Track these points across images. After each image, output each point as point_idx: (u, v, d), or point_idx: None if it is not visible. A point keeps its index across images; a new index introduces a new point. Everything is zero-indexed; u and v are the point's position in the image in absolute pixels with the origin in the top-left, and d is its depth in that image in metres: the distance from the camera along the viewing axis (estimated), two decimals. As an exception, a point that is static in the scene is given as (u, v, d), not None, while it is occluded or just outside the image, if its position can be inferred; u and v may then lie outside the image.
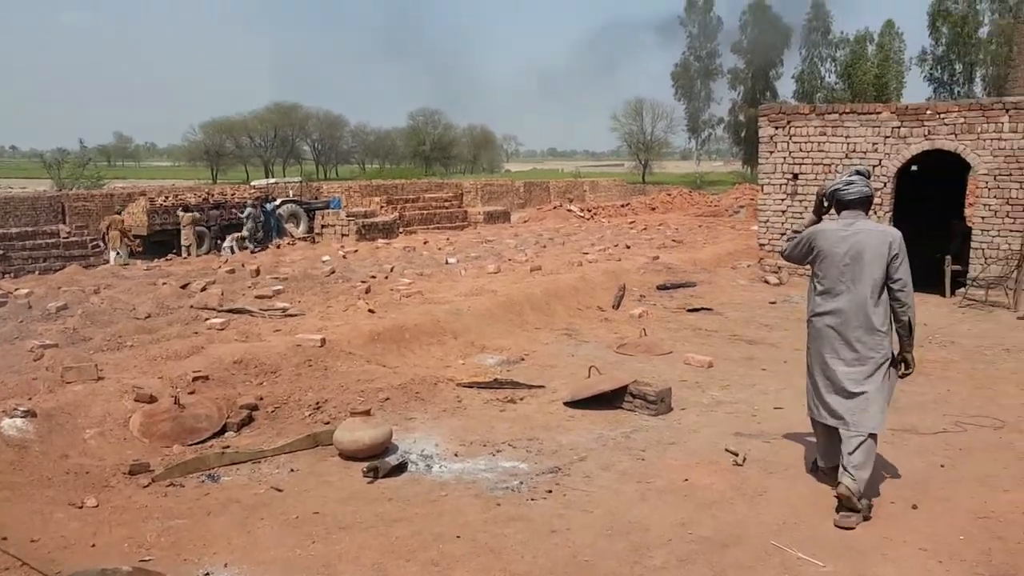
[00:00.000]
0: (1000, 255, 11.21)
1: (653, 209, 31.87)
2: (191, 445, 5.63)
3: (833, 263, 4.48)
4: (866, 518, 4.28)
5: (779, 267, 13.13)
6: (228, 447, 5.51)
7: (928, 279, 12.30)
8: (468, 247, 16.99)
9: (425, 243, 18.41)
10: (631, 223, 23.56)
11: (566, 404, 6.35)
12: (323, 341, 7.35)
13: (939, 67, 72.64)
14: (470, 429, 5.79)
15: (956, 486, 4.72)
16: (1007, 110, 11.12)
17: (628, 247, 16.15)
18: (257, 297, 10.29)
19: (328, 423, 5.87)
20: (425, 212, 27.71)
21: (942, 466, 5.03)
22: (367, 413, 5.44)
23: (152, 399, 6.01)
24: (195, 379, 6.50)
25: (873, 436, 4.46)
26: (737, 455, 5.18)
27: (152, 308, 9.69)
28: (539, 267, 12.12)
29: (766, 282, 12.79)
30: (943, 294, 11.69)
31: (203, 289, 10.94)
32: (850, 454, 4.36)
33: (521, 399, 6.59)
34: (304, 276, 12.33)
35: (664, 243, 17.12)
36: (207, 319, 8.86)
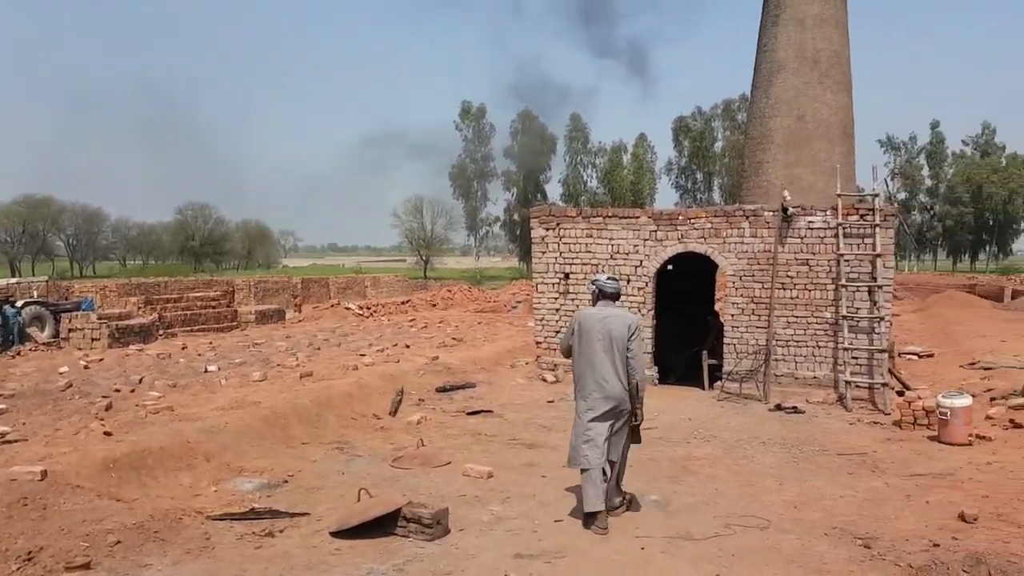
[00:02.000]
0: (750, 350, 12.08)
1: (434, 305, 31.89)
2: None
3: (593, 338, 5.98)
4: (628, 509, 6.23)
5: (555, 364, 13.31)
6: None
7: (690, 373, 13.03)
8: (233, 352, 15.75)
9: (184, 348, 16.86)
10: (411, 321, 23.28)
11: (332, 534, 5.70)
12: (44, 473, 6.17)
13: (684, 176, 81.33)
14: (217, 575, 4.97)
15: (732, 597, 4.65)
16: (747, 217, 12.21)
17: (408, 347, 15.77)
18: (-32, 421, 8.65)
19: (39, 580, 4.80)
20: (189, 312, 25.65)
21: (718, 576, 4.97)
22: (86, 567, 4.51)
23: None
24: None
25: (620, 462, 6.15)
26: (518, 581, 4.82)
27: None
28: (310, 373, 11.36)
29: (543, 380, 12.88)
30: (703, 387, 12.35)
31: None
32: (612, 475, 6.00)
33: (281, 531, 5.84)
34: (35, 392, 10.69)
35: (444, 341, 16.93)
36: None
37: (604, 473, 5.88)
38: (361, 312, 27.15)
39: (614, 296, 6.22)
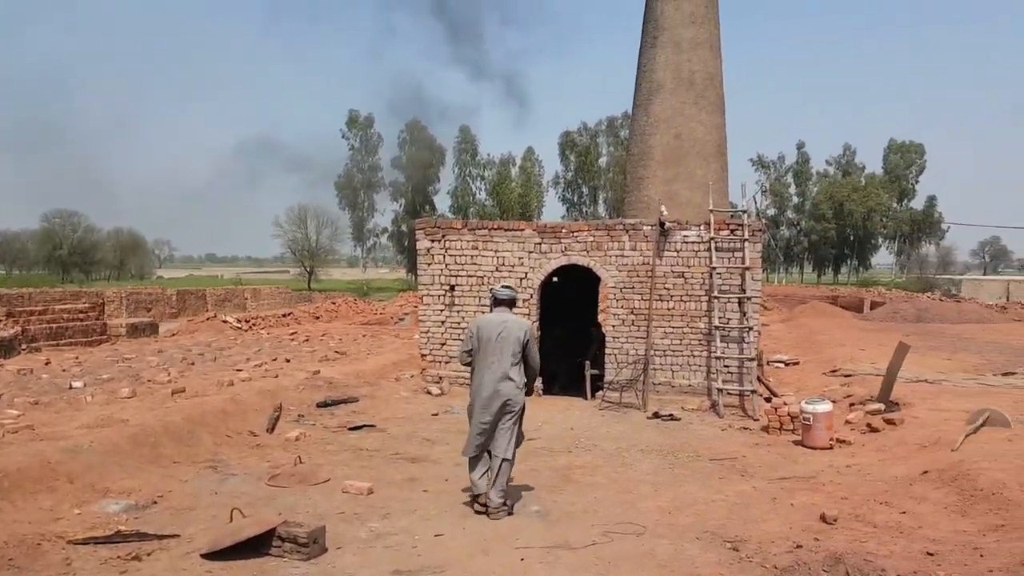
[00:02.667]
0: (629, 360, 12.43)
1: (317, 318, 31.22)
2: None
3: (490, 341, 6.56)
4: (510, 513, 6.50)
5: (440, 377, 13.27)
6: None
7: (573, 382, 13.26)
8: (101, 367, 14.91)
9: (48, 363, 15.84)
10: (293, 334, 22.68)
11: (203, 556, 5.46)
12: None
13: (570, 190, 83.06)
14: (73, 608, 4.67)
15: (608, 603, 4.74)
16: (627, 230, 12.58)
17: (288, 361, 15.35)
18: None
19: None
20: (55, 326, 24.15)
21: (594, 583, 5.07)
22: (-81, 607, 4.13)
23: None
24: None
25: (508, 460, 6.53)
26: (396, 598, 4.76)
27: None
28: (183, 389, 10.88)
29: (428, 393, 12.81)
30: (585, 397, 12.60)
31: None
32: (497, 475, 6.46)
33: (149, 554, 5.55)
34: None
35: (327, 355, 16.58)
36: None
37: (489, 457, 6.57)
38: (239, 325, 26.25)
39: (510, 303, 6.85)
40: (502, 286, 6.99)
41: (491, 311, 6.93)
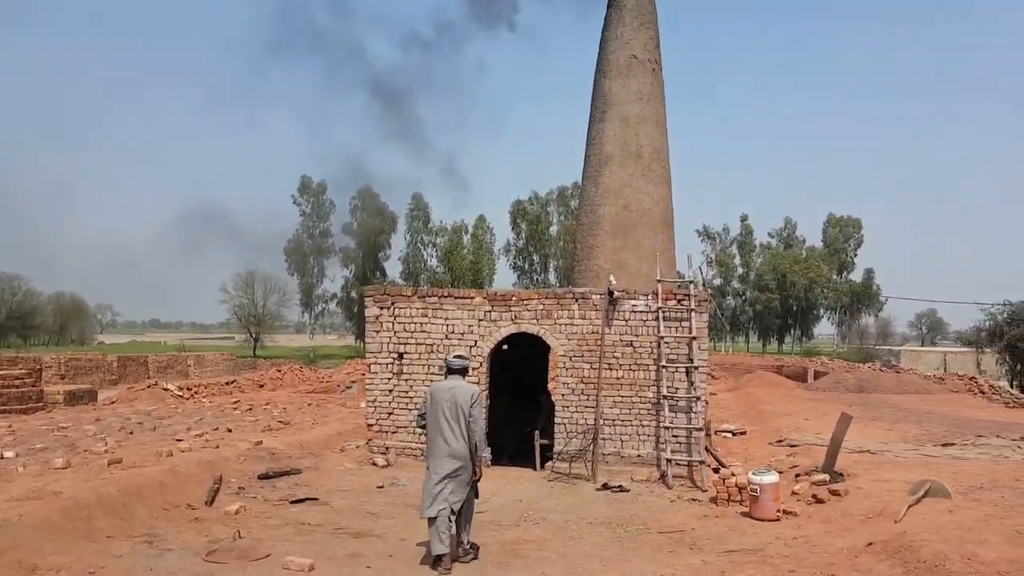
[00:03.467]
0: (579, 429, 12.39)
1: (262, 386, 30.57)
2: None
3: (442, 407, 7.09)
4: (475, 558, 7.26)
5: (387, 447, 13.04)
6: None
7: (522, 451, 13.13)
8: (35, 436, 14.29)
9: (-25, 433, 15.14)
10: (236, 402, 22.13)
11: (133, 641, 5.21)
12: None
13: (521, 257, 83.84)
14: None
15: None
16: (576, 299, 12.70)
17: (230, 431, 14.91)
18: None
19: None
20: (-16, 393, 23.21)
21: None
22: None
23: None
24: None
25: (454, 512, 7.05)
26: None
27: None
28: (120, 459, 10.48)
29: (374, 464, 12.55)
30: (534, 467, 12.47)
31: None
32: (462, 515, 7.15)
33: (73, 640, 5.27)
34: None
35: (270, 425, 16.17)
36: None
37: (450, 521, 6.96)
38: (181, 393, 25.55)
39: (461, 371, 7.37)
40: (455, 356, 7.45)
41: (445, 379, 7.38)
